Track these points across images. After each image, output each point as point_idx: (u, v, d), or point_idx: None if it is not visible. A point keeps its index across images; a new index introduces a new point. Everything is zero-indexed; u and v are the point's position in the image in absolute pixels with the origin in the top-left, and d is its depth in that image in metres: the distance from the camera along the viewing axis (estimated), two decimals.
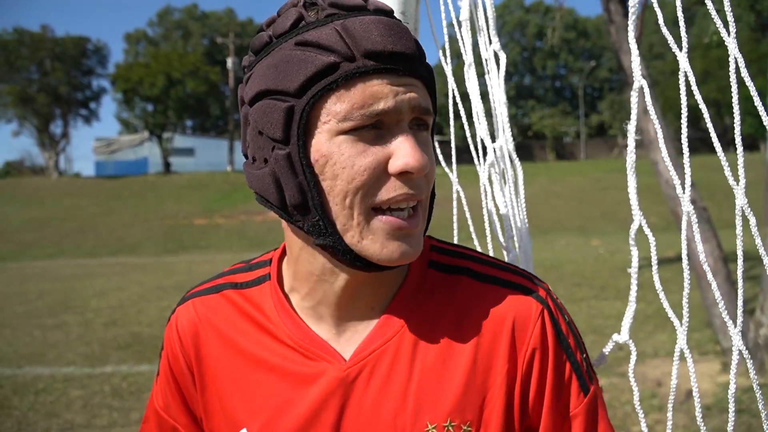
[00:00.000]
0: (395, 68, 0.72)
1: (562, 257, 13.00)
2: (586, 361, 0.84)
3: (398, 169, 0.73)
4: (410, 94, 0.73)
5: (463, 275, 0.85)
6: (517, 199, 1.16)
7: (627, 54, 5.49)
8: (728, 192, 0.92)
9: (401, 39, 0.74)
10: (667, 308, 0.99)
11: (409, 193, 0.74)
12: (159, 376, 0.93)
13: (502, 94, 1.15)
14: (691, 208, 0.96)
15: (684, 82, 0.91)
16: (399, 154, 0.73)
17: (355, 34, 0.72)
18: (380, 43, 0.72)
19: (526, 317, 0.81)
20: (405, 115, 0.74)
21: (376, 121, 0.72)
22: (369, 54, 0.71)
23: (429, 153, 0.78)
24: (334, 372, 0.81)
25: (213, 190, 31.93)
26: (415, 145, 0.73)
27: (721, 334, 5.26)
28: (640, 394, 4.66)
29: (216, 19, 64.41)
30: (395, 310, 0.83)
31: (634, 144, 1.03)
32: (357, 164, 0.72)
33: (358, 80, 0.71)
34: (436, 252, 0.88)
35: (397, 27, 0.75)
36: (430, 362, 0.80)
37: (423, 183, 0.77)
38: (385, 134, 0.73)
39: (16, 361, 6.46)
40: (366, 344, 0.82)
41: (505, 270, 0.86)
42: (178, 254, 18.78)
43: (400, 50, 0.72)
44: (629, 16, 0.93)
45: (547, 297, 0.83)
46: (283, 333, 0.84)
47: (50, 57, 46.55)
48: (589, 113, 58.09)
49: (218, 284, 0.91)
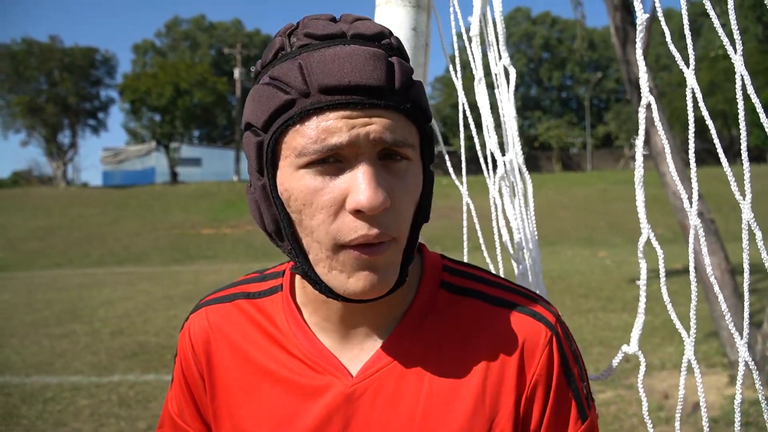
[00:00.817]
0: (353, 102, 0.70)
1: (569, 268, 12.98)
2: (586, 388, 0.84)
3: (350, 208, 0.71)
4: (370, 127, 0.70)
5: (474, 298, 0.85)
6: (527, 211, 1.18)
7: (633, 66, 5.51)
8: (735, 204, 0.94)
9: (365, 70, 0.71)
10: (675, 320, 1.00)
11: (367, 235, 0.71)
12: (173, 382, 0.94)
13: (511, 108, 1.17)
14: (698, 222, 0.98)
15: (691, 97, 0.93)
16: (352, 191, 0.71)
17: (315, 68, 0.71)
18: (337, 76, 0.70)
19: (535, 343, 0.81)
20: (365, 149, 0.71)
21: (334, 155, 0.71)
22: (324, 89, 0.70)
23: (398, 186, 0.74)
24: (341, 387, 0.81)
25: (220, 199, 32.01)
26: (371, 180, 0.70)
27: (729, 347, 5.23)
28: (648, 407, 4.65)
29: (223, 29, 64.80)
30: (404, 330, 0.82)
31: (636, 157, 1.04)
32: (315, 202, 0.72)
33: (313, 115, 0.71)
34: (448, 273, 0.87)
35: (366, 57, 0.72)
36: (438, 385, 0.80)
37: (390, 221, 0.73)
38: (345, 168, 0.72)
39: (24, 370, 6.48)
40: (373, 362, 0.82)
41: (516, 293, 0.86)
42: (185, 264, 18.82)
43: (360, 83, 0.70)
44: (637, 33, 0.95)
45: (556, 324, 0.83)
46: (293, 345, 0.84)
47: (59, 67, 46.86)
48: (596, 124, 58.02)
49: (231, 293, 0.92)
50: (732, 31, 0.93)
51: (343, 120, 0.70)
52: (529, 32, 64.66)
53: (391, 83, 0.72)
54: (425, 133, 0.78)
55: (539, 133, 52.54)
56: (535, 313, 0.83)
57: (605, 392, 4.99)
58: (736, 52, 0.89)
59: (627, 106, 47.48)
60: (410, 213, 0.76)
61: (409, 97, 0.74)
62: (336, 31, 0.74)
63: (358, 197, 0.70)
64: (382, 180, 0.72)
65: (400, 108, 0.73)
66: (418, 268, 0.86)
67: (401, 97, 0.73)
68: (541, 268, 1.19)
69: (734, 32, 0.88)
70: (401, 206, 0.74)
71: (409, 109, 0.74)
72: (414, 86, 0.76)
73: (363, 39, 0.74)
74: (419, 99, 0.76)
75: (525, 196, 1.18)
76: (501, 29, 1.19)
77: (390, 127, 0.71)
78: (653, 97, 1.00)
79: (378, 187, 0.70)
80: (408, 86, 0.74)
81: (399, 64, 0.74)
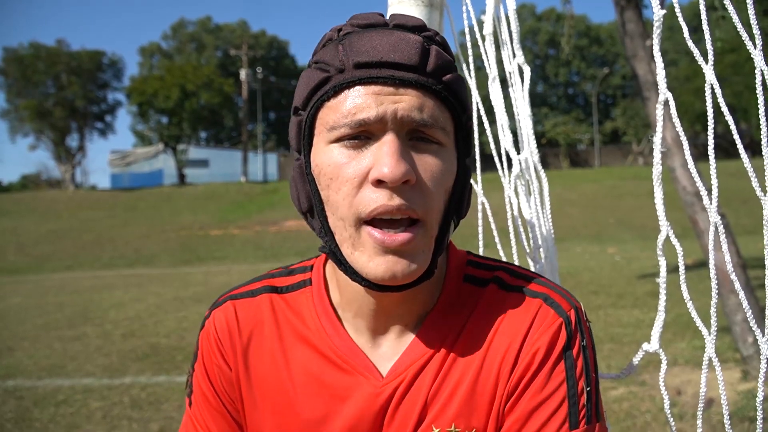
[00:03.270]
0: (384, 78, 0.71)
1: (579, 265, 12.94)
2: (588, 395, 0.77)
3: (372, 177, 0.71)
4: (398, 105, 0.71)
5: (493, 284, 0.84)
6: (542, 209, 1.17)
7: (641, 61, 5.47)
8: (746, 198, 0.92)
9: (399, 49, 0.72)
10: (695, 317, 1.00)
11: (388, 206, 0.71)
12: (193, 395, 0.89)
13: (526, 106, 1.16)
14: (718, 218, 0.97)
15: (710, 92, 0.92)
16: (376, 163, 0.71)
17: (353, 47, 0.73)
18: (372, 53, 0.72)
19: (540, 324, 0.78)
20: (391, 126, 0.72)
21: (363, 130, 0.72)
22: (358, 65, 0.72)
23: (427, 165, 0.73)
24: (370, 388, 0.80)
25: (228, 201, 32.09)
26: (395, 152, 0.70)
27: (741, 342, 5.20)
28: (660, 404, 4.59)
29: (229, 31, 64.94)
30: (429, 327, 0.82)
31: (653, 152, 1.03)
32: (341, 174, 0.73)
33: (346, 90, 0.72)
34: (471, 266, 0.87)
35: (405, 39, 0.73)
36: (451, 371, 0.80)
37: (415, 196, 0.72)
38: (373, 143, 0.73)
39: (36, 372, 6.51)
40: (401, 361, 0.81)
41: (534, 281, 0.84)
42: (194, 265, 18.87)
43: (392, 60, 0.71)
44: (654, 30, 0.94)
45: (570, 311, 0.80)
46: (323, 342, 0.83)
47: (66, 71, 47.12)
48: (603, 120, 57.83)
49: (257, 288, 0.90)
50: (750, 25, 0.92)
51: (373, 96, 0.71)
52: (534, 28, 64.49)
53: (424, 64, 0.73)
54: (461, 123, 0.78)
55: (546, 129, 52.38)
56: (550, 299, 0.81)
57: (617, 389, 4.97)
58: (756, 46, 0.88)
59: (634, 102, 47.26)
60: (439, 198, 0.75)
61: (443, 81, 0.74)
62: (379, 21, 0.77)
63: (381, 167, 0.70)
64: (409, 155, 0.73)
65: (432, 88, 0.73)
66: (444, 265, 0.85)
67: (434, 78, 0.74)
68: (557, 266, 1.19)
69: (753, 27, 0.87)
70: (428, 187, 0.73)
71: (442, 91, 0.74)
72: (452, 75, 0.76)
73: (404, 28, 0.76)
74: (456, 87, 0.76)
75: (540, 194, 1.18)
76: (515, 28, 1.18)
77: (419, 106, 0.72)
78: (670, 95, 0.99)
79: (401, 159, 0.71)
80: (443, 72, 0.75)
81: (436, 51, 0.75)
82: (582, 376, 0.77)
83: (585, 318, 0.81)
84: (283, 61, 68.08)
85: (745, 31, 0.92)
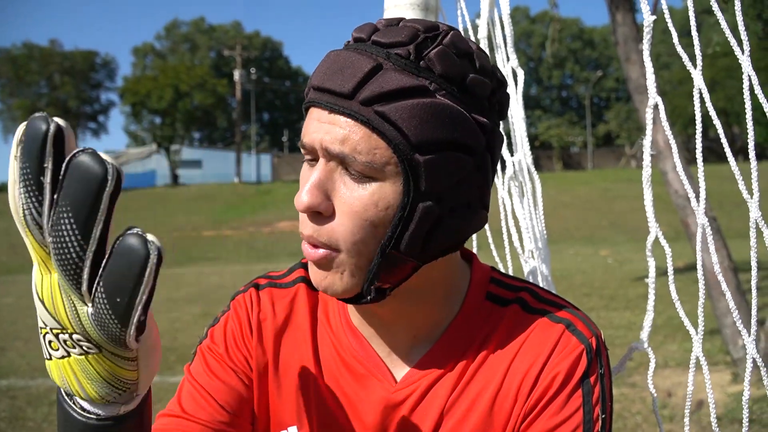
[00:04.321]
0: (321, 103, 0.71)
1: (571, 267, 12.98)
2: (603, 422, 0.77)
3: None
4: (324, 135, 0.70)
5: (516, 305, 0.84)
6: (536, 211, 1.19)
7: (633, 65, 5.51)
8: (738, 201, 0.95)
9: (337, 74, 0.70)
10: (684, 318, 1.02)
11: (302, 232, 0.74)
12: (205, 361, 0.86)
13: (520, 109, 1.18)
14: (705, 220, 0.99)
15: (698, 96, 0.94)
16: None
17: (317, 68, 0.74)
18: (319, 77, 0.72)
19: (562, 350, 0.79)
20: (321, 154, 0.71)
21: (308, 151, 0.73)
22: (312, 87, 0.73)
23: (348, 198, 0.70)
24: (383, 391, 0.81)
25: (221, 201, 32.03)
26: (310, 182, 0.71)
27: (731, 345, 5.24)
28: (651, 405, 4.59)
29: (223, 32, 64.89)
30: (447, 340, 0.82)
31: (644, 157, 1.05)
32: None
33: (308, 110, 0.74)
34: (495, 284, 0.87)
35: (349, 62, 0.70)
36: (468, 388, 0.80)
37: (322, 227, 0.72)
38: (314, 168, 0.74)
39: (29, 372, 6.49)
40: (417, 369, 0.81)
41: (558, 306, 0.84)
42: (186, 266, 18.82)
43: (327, 87, 0.70)
44: (644, 34, 0.96)
45: (592, 339, 0.80)
46: (340, 341, 0.85)
47: (59, 71, 47.00)
48: (596, 123, 58.05)
49: (294, 279, 0.90)
50: (738, 30, 0.94)
51: (313, 121, 0.72)
52: (528, 31, 64.68)
53: (355, 92, 0.69)
54: (410, 157, 0.69)
55: (539, 132, 52.55)
56: (572, 326, 0.81)
57: None
58: (744, 51, 0.90)
59: (627, 105, 47.46)
60: (362, 231, 0.71)
61: (377, 110, 0.68)
62: (364, 36, 0.73)
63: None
64: (330, 186, 0.71)
65: (359, 119, 0.68)
66: (466, 280, 0.86)
67: (365, 107, 0.68)
68: (550, 268, 1.21)
69: (741, 32, 0.90)
70: (344, 219, 0.71)
71: (370, 122, 0.68)
72: (393, 104, 0.68)
73: (377, 45, 0.72)
74: (393, 117, 0.68)
75: (534, 196, 1.20)
76: (509, 31, 1.20)
77: (342, 139, 0.69)
78: (659, 99, 1.01)
79: (313, 189, 0.71)
80: (381, 99, 0.68)
81: (383, 76, 0.69)
82: (598, 404, 0.78)
83: (604, 346, 0.82)
84: (276, 62, 68.05)
85: (732, 35, 0.94)
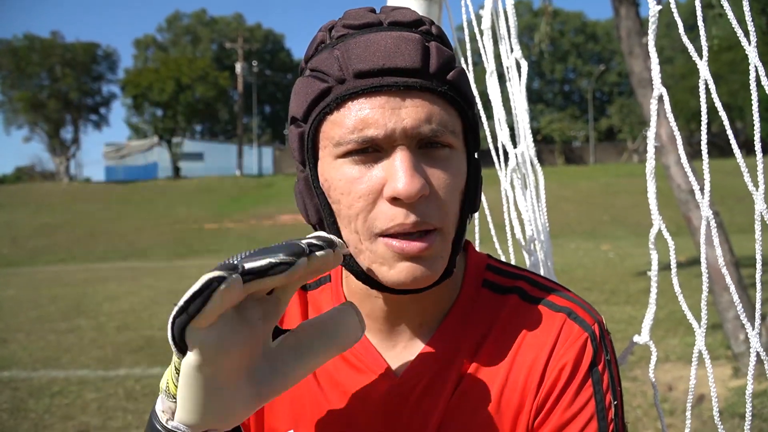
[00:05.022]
0: (388, 86, 0.68)
1: (572, 262, 12.98)
2: (615, 409, 0.77)
3: (387, 195, 0.69)
4: (406, 121, 0.68)
5: (514, 294, 0.82)
6: (538, 203, 1.19)
7: (637, 58, 5.49)
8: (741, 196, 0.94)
9: (399, 53, 0.69)
10: (687, 311, 1.01)
11: (404, 224, 0.69)
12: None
13: (523, 101, 1.18)
14: (710, 213, 0.98)
15: (704, 88, 0.93)
16: (390, 179, 0.69)
17: (351, 54, 0.70)
18: (371, 60, 0.68)
19: (566, 340, 0.78)
20: (401, 140, 0.69)
21: (371, 144, 0.70)
22: (359, 74, 0.69)
23: (440, 173, 0.71)
24: (383, 387, 0.80)
25: (222, 194, 32.04)
26: (408, 167, 0.68)
27: (733, 339, 5.24)
28: (651, 399, 4.61)
29: (224, 24, 64.74)
30: (447, 330, 0.81)
31: (648, 149, 1.04)
32: (353, 191, 0.71)
33: (349, 102, 0.69)
34: (491, 272, 0.85)
35: (401, 40, 0.70)
36: (473, 382, 0.79)
37: (431, 209, 0.70)
38: (383, 156, 0.70)
39: (31, 364, 6.51)
40: (417, 363, 0.80)
41: (557, 294, 0.83)
42: (188, 259, 18.84)
43: (394, 65, 0.68)
44: (649, 25, 0.95)
45: (594, 326, 0.79)
46: None
47: (60, 63, 46.92)
48: (599, 117, 57.91)
49: None
50: (746, 22, 0.93)
51: (378, 109, 0.68)
52: (531, 24, 64.50)
53: (426, 65, 0.70)
54: (468, 119, 0.75)
55: (541, 126, 52.41)
56: (574, 314, 0.80)
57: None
58: (750, 43, 0.90)
59: (630, 99, 47.32)
60: (455, 202, 0.74)
61: (447, 80, 0.72)
62: (373, 20, 0.73)
63: (395, 184, 0.68)
64: (421, 168, 0.70)
65: (438, 91, 0.70)
66: (462, 267, 0.84)
67: (438, 80, 0.71)
68: (552, 260, 1.20)
69: (748, 23, 0.89)
70: (444, 195, 0.72)
71: (448, 92, 0.71)
72: (455, 71, 0.73)
73: (400, 26, 0.73)
74: (460, 84, 0.73)
75: (536, 188, 1.19)
76: (513, 22, 1.20)
77: (427, 116, 0.69)
78: (664, 90, 1.00)
79: (415, 174, 0.68)
80: (446, 70, 0.72)
81: (436, 49, 0.72)
82: (608, 391, 0.77)
83: (607, 331, 0.81)
84: (278, 54, 67.89)
85: (740, 27, 0.93)
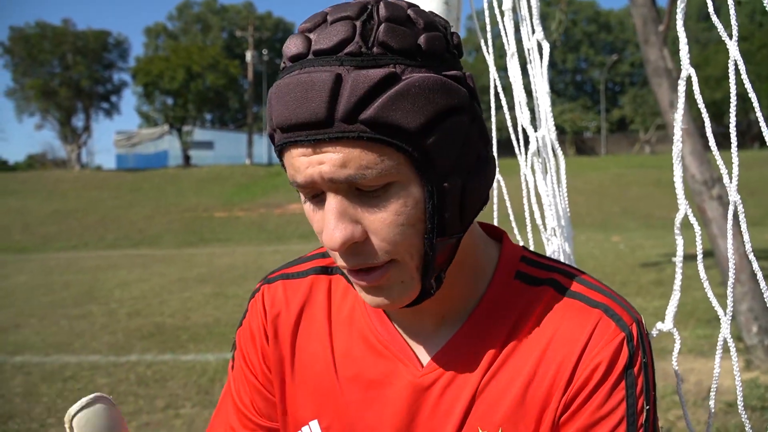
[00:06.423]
0: (301, 140, 0.66)
1: (583, 253, 12.93)
2: (647, 413, 0.74)
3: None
4: (321, 167, 0.66)
5: (548, 286, 0.80)
6: (559, 188, 1.17)
7: (653, 47, 5.43)
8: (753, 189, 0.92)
9: (306, 104, 0.64)
10: (713, 299, 1.00)
11: (345, 266, 0.71)
12: (235, 363, 0.92)
13: (545, 83, 1.16)
14: (737, 197, 0.96)
15: (734, 70, 0.91)
16: (323, 227, 0.69)
17: (273, 106, 0.68)
18: (283, 115, 0.66)
19: (600, 339, 0.75)
20: (326, 186, 0.67)
21: (307, 188, 0.69)
22: (279, 127, 0.67)
23: (378, 214, 0.68)
24: (409, 376, 0.79)
25: (232, 183, 32.12)
26: (332, 217, 0.67)
27: (745, 332, 5.20)
28: (663, 390, 4.59)
29: (235, 12, 64.73)
30: (475, 322, 0.79)
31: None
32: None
33: (285, 151, 0.69)
34: (525, 263, 0.83)
35: (311, 87, 0.65)
36: (499, 374, 0.77)
37: (369, 250, 0.69)
38: (321, 201, 0.70)
39: (44, 349, 6.57)
40: (444, 353, 0.79)
41: (594, 289, 0.80)
42: (198, 247, 18.93)
43: (298, 121, 0.65)
44: (677, 4, 0.93)
45: (632, 325, 0.76)
46: (365, 325, 0.83)
47: (72, 51, 47.06)
48: (610, 108, 57.54)
49: (308, 268, 0.89)
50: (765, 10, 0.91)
51: (300, 158, 0.67)
52: (544, 14, 63.96)
53: (332, 114, 0.64)
54: (414, 146, 0.67)
55: (553, 116, 52.10)
56: (611, 311, 0.77)
57: None
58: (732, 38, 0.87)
59: (643, 90, 46.93)
60: (407, 234, 0.69)
61: (362, 120, 0.64)
62: (301, 50, 0.68)
63: (324, 237, 0.68)
64: (354, 212, 0.68)
65: (351, 137, 0.64)
66: (495, 259, 0.82)
67: (349, 123, 0.64)
68: (573, 246, 1.18)
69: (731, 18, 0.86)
70: (386, 234, 0.68)
71: (362, 134, 0.64)
72: (378, 103, 0.65)
73: (322, 54, 0.66)
74: (387, 115, 0.65)
75: (557, 173, 1.17)
76: (534, 3, 1.17)
77: (342, 163, 0.65)
78: (692, 71, 0.98)
79: (340, 225, 0.67)
80: (360, 108, 0.64)
81: (351, 84, 0.64)
82: (642, 395, 0.74)
83: (645, 331, 0.78)
84: None
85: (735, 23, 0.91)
